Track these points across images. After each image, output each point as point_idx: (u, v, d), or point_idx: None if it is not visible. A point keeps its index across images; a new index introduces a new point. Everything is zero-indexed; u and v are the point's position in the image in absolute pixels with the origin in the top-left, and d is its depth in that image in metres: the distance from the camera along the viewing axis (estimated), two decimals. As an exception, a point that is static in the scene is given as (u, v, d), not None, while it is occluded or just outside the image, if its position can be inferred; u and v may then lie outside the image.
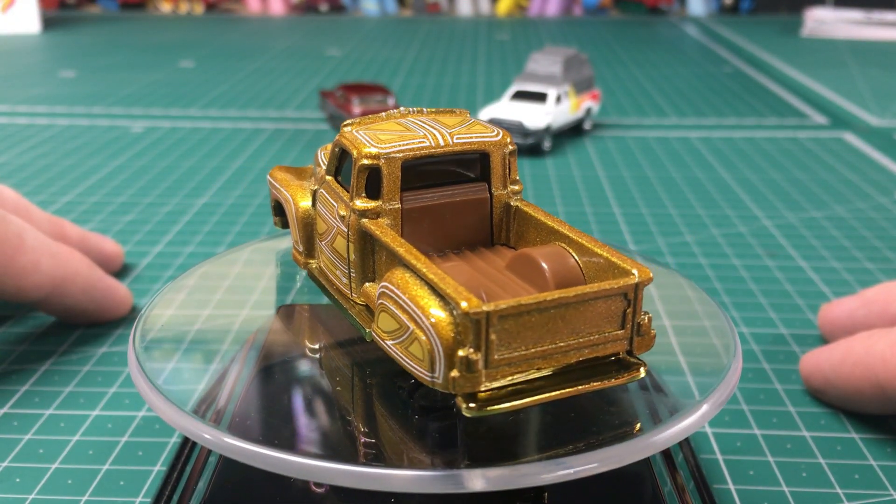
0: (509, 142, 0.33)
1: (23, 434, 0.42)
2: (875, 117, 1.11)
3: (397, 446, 0.29)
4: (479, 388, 0.26)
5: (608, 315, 0.28)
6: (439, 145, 0.32)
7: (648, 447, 0.28)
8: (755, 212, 0.75)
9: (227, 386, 0.34)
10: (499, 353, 0.26)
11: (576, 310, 0.27)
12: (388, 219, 0.31)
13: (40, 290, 0.48)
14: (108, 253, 0.59)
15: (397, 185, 0.31)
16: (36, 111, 1.09)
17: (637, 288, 0.27)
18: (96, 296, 0.51)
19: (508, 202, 0.34)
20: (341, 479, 0.26)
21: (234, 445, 0.27)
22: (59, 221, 0.56)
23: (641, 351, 0.29)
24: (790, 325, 0.54)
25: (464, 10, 2.20)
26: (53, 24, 1.86)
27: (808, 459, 0.41)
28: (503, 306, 0.26)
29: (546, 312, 0.26)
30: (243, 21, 2.05)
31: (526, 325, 0.26)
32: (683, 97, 1.22)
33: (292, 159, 0.89)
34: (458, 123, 0.34)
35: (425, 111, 0.35)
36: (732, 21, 2.07)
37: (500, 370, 0.26)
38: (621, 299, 0.28)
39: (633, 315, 0.28)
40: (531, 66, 1.01)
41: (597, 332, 0.28)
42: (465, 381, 0.26)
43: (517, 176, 0.34)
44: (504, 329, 0.26)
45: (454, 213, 0.33)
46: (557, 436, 0.31)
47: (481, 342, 0.26)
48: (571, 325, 0.27)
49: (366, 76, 1.34)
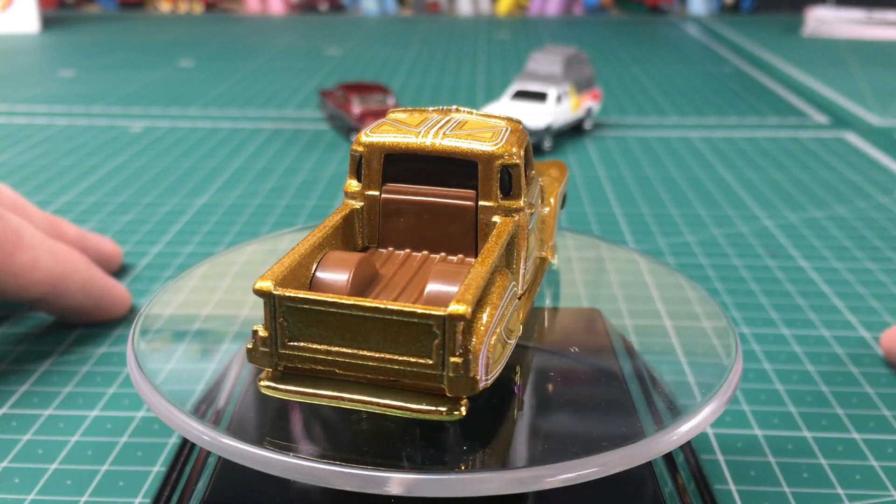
0: (507, 156, 0.31)
1: (22, 434, 0.42)
2: (876, 117, 1.10)
3: (397, 448, 0.29)
4: (270, 367, 0.27)
5: (417, 342, 0.26)
6: (425, 145, 0.32)
7: (650, 452, 0.28)
8: (756, 212, 0.75)
9: (227, 386, 0.34)
10: (291, 340, 0.27)
11: (377, 324, 0.26)
12: (366, 205, 0.33)
13: (38, 289, 0.48)
14: (106, 252, 0.58)
15: (378, 173, 0.32)
16: (35, 111, 1.09)
17: (445, 322, 0.25)
18: (94, 294, 0.51)
19: (496, 217, 0.32)
20: (340, 481, 0.26)
21: (233, 447, 0.27)
22: (56, 220, 0.56)
23: (457, 393, 0.26)
24: (791, 326, 0.53)
25: (464, 10, 2.20)
26: (52, 24, 1.86)
27: (809, 460, 0.41)
28: (289, 294, 0.26)
29: (342, 316, 0.26)
30: (242, 20, 2.05)
31: (321, 322, 0.27)
32: (684, 97, 1.22)
33: (292, 159, 0.89)
34: (477, 127, 0.33)
35: (475, 112, 0.35)
36: (733, 20, 2.07)
37: (296, 358, 0.27)
38: (428, 329, 0.26)
39: (442, 351, 0.26)
40: (531, 65, 1.00)
41: (404, 357, 0.26)
42: (258, 355, 0.27)
43: (522, 192, 0.31)
44: (296, 318, 0.27)
45: (435, 216, 0.32)
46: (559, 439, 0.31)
47: (269, 322, 0.27)
48: (378, 340, 0.26)
49: (366, 76, 1.34)
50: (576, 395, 0.34)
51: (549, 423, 0.32)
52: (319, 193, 0.78)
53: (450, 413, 0.26)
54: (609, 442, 0.28)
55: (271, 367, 0.27)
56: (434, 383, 0.26)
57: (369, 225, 0.33)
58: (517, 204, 0.32)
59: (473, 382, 0.26)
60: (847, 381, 0.47)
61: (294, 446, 0.30)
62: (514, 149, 0.31)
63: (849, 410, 0.45)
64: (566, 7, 2.21)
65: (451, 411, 0.26)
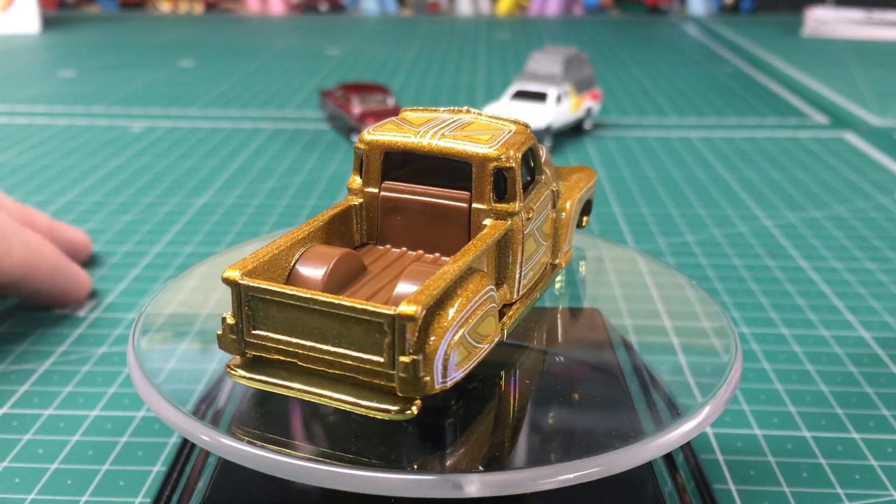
0: (502, 159, 0.31)
1: (22, 434, 0.42)
2: (876, 117, 1.11)
3: (397, 449, 0.29)
4: (238, 353, 0.28)
5: (370, 340, 0.26)
6: (422, 144, 0.32)
7: (650, 452, 0.28)
8: (756, 212, 0.75)
9: (227, 386, 0.34)
10: (255, 329, 0.28)
11: (334, 319, 0.26)
12: (365, 201, 0.33)
13: (10, 276, 0.50)
14: (76, 243, 0.61)
15: (377, 171, 0.33)
16: (35, 111, 1.09)
17: (395, 321, 0.25)
18: (61, 282, 0.54)
19: (488, 220, 0.31)
20: (339, 482, 0.26)
21: (232, 447, 0.27)
22: (28, 210, 0.58)
23: (407, 393, 0.26)
24: (791, 326, 0.53)
25: (464, 10, 2.20)
26: (53, 24, 1.86)
27: (808, 459, 0.41)
28: (252, 284, 0.27)
29: (301, 309, 0.27)
30: (243, 21, 2.05)
31: (282, 313, 0.27)
32: (684, 97, 1.22)
33: (292, 159, 0.89)
34: (479, 129, 0.33)
35: (484, 114, 0.35)
36: (733, 21, 2.07)
37: (260, 347, 0.28)
38: (380, 328, 0.26)
39: (392, 350, 0.26)
40: (531, 65, 1.00)
41: (358, 353, 0.26)
42: (227, 342, 0.28)
43: (517, 196, 0.31)
44: (259, 308, 0.27)
45: (430, 215, 0.33)
46: (558, 440, 0.31)
47: (235, 310, 0.28)
48: (335, 336, 0.27)
49: (366, 76, 1.34)
50: (575, 395, 0.34)
51: (548, 424, 0.32)
52: (319, 193, 0.78)
53: (401, 412, 0.26)
54: (609, 442, 0.28)
55: (239, 354, 0.28)
56: (386, 381, 0.26)
57: (368, 221, 0.34)
58: (511, 207, 0.31)
59: (423, 384, 0.26)
60: (846, 380, 0.47)
61: (293, 447, 0.30)
62: (511, 152, 0.31)
63: (848, 410, 0.45)
64: (566, 7, 2.21)
65: (402, 411, 0.26)
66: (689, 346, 0.39)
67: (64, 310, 0.55)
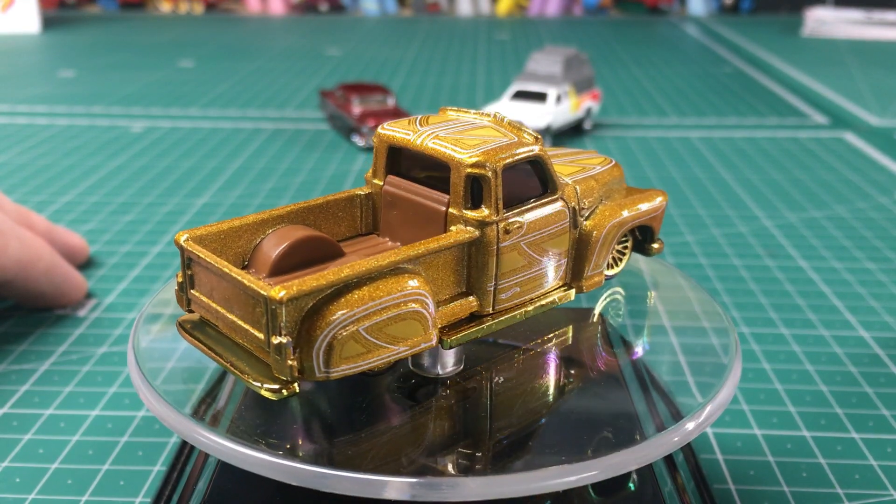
0: (479, 166, 0.30)
1: (23, 434, 0.42)
2: (875, 117, 1.11)
3: (396, 452, 0.29)
4: (185, 309, 0.31)
5: (256, 315, 0.27)
6: (415, 143, 0.32)
7: (651, 454, 0.28)
8: (755, 212, 0.75)
9: (227, 386, 0.34)
10: (192, 289, 0.30)
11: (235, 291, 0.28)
12: (373, 192, 0.34)
13: (6, 274, 0.50)
14: (74, 246, 0.61)
15: (382, 164, 0.34)
16: (35, 111, 1.09)
17: (267, 302, 0.26)
18: (56, 281, 0.53)
19: (455, 226, 0.31)
20: (338, 485, 0.26)
21: (231, 449, 0.27)
22: (26, 212, 0.58)
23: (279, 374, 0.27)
24: (790, 325, 0.53)
25: (464, 10, 2.20)
26: (53, 24, 1.86)
27: (808, 459, 0.41)
28: (188, 248, 0.29)
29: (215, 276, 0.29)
30: (243, 21, 2.05)
31: (206, 278, 0.29)
32: (684, 97, 1.22)
33: (292, 159, 0.89)
34: (478, 135, 0.32)
35: (506, 121, 0.34)
36: (733, 21, 2.07)
37: (196, 306, 0.30)
38: (259, 306, 0.27)
39: (267, 330, 0.26)
40: (531, 65, 1.00)
41: (250, 327, 0.28)
42: (179, 297, 0.31)
43: (491, 206, 0.30)
44: (197, 271, 0.30)
45: (415, 214, 0.33)
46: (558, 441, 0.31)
47: (183, 270, 0.30)
48: (237, 306, 0.28)
49: (366, 76, 1.34)
50: (575, 396, 0.34)
51: (548, 425, 0.32)
52: (319, 194, 0.78)
53: (276, 392, 0.27)
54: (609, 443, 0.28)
55: (186, 310, 0.31)
56: (267, 360, 0.28)
57: (374, 212, 0.35)
58: (481, 216, 0.30)
59: (290, 369, 0.26)
60: (846, 380, 0.47)
61: (293, 448, 0.30)
62: (491, 161, 0.30)
63: (848, 410, 0.45)
64: (566, 7, 2.21)
65: (278, 391, 0.27)
66: (689, 346, 0.39)
67: (64, 310, 0.55)
